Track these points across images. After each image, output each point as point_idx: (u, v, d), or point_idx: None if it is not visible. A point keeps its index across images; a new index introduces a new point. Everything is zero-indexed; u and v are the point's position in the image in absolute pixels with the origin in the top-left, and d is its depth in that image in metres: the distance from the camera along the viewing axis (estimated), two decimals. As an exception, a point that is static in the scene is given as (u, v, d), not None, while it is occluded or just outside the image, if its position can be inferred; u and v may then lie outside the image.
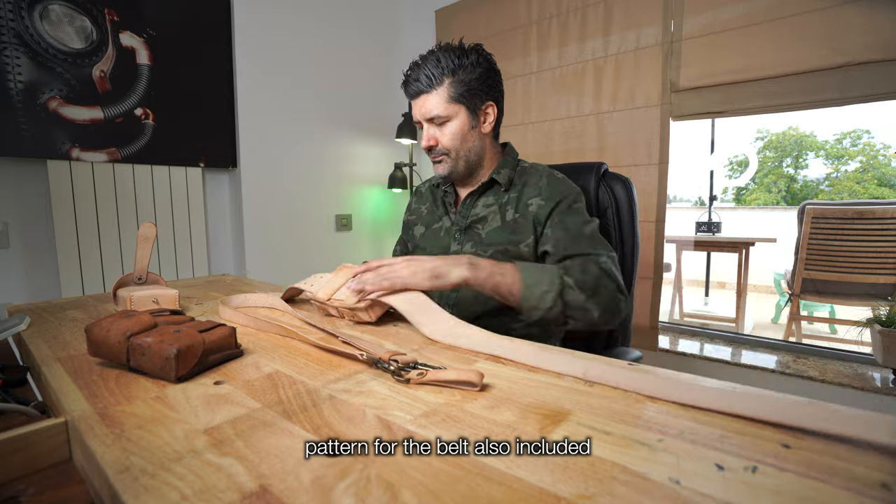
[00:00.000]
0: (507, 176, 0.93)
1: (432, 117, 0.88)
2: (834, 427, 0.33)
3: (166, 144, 1.86)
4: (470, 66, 0.86)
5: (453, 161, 0.91)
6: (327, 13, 2.33)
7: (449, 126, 0.88)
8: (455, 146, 0.90)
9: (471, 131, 0.90)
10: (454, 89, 0.86)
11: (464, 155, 0.91)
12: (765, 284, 4.40)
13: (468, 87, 0.86)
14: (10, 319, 0.63)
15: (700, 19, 1.76)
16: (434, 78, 0.86)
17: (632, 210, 1.08)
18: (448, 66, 0.85)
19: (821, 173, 7.24)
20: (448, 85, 0.86)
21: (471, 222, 0.94)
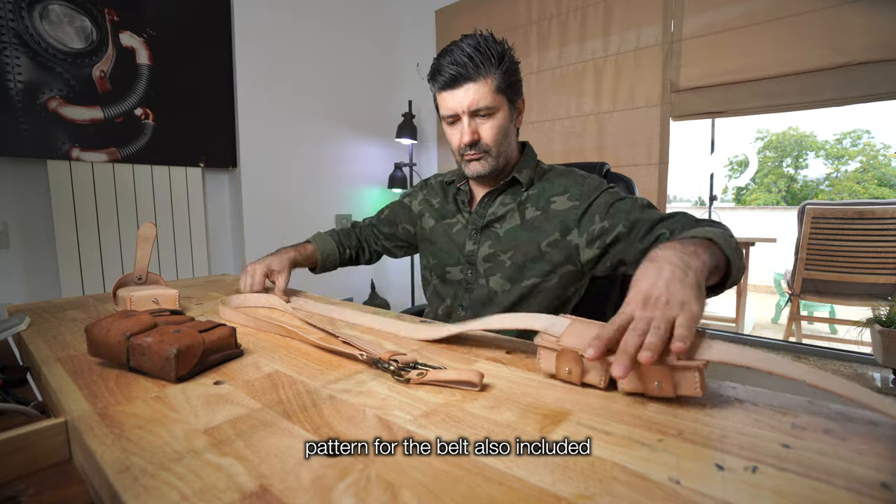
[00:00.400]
0: (528, 176, 0.89)
1: (478, 109, 0.80)
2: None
3: (166, 144, 1.86)
4: (509, 59, 0.81)
5: (494, 159, 0.84)
6: (327, 13, 2.33)
7: (493, 120, 0.82)
8: (498, 142, 0.83)
9: (511, 126, 0.85)
10: (500, 79, 0.80)
11: (504, 152, 0.85)
12: (765, 284, 4.40)
13: (510, 80, 0.81)
14: (10, 319, 0.63)
15: (700, 19, 1.76)
16: (481, 65, 0.78)
17: None
18: (494, 54, 0.79)
19: (821, 173, 7.24)
20: (495, 74, 0.79)
21: (488, 221, 0.90)
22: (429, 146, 2.70)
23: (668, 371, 0.39)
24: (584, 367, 0.44)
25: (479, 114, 0.81)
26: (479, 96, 0.79)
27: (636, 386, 0.41)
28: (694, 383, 0.39)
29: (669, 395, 0.40)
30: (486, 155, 0.84)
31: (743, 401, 0.40)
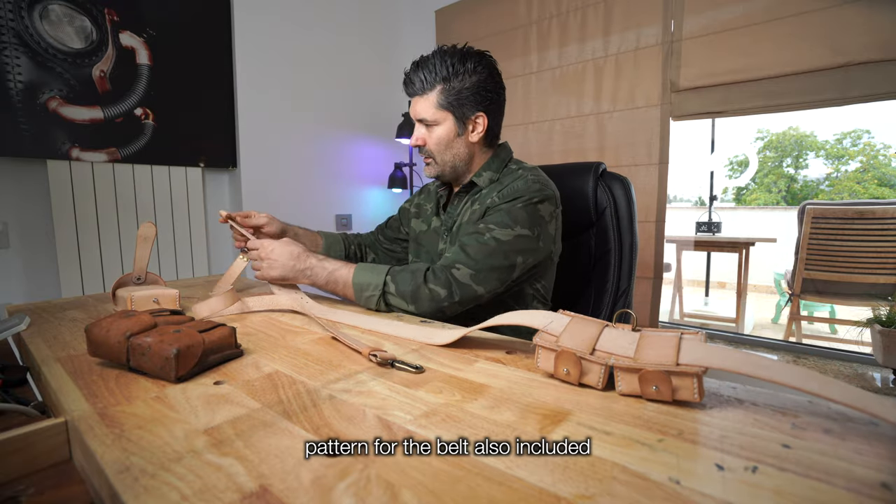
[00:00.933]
0: (489, 178, 0.94)
1: (420, 119, 0.91)
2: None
3: (166, 144, 1.86)
4: (465, 74, 0.86)
5: (439, 166, 0.94)
6: (327, 13, 2.33)
7: (435, 131, 0.90)
8: (439, 151, 0.92)
9: (456, 139, 0.91)
10: (443, 97, 0.87)
11: (449, 161, 0.93)
12: (765, 284, 4.40)
13: (458, 96, 0.87)
14: (10, 319, 0.63)
15: (700, 19, 1.76)
16: (426, 82, 0.88)
17: (630, 210, 1.08)
18: (441, 72, 0.86)
19: (821, 173, 7.24)
20: (438, 91, 0.87)
21: (454, 223, 0.97)
22: (429, 146, 2.70)
23: (667, 376, 0.39)
24: (583, 368, 0.44)
25: (423, 123, 0.91)
26: (421, 109, 0.90)
27: (634, 389, 0.41)
28: (692, 389, 0.39)
29: (667, 399, 0.40)
30: (432, 161, 0.94)
31: (743, 401, 0.40)
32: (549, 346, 0.46)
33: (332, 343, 0.61)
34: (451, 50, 0.88)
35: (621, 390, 0.42)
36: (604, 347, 0.44)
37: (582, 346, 0.44)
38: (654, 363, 0.40)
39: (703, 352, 0.40)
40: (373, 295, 0.79)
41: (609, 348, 0.44)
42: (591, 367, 0.43)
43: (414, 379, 0.48)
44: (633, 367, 0.41)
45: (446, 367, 0.51)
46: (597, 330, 0.46)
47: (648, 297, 1.91)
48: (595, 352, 0.44)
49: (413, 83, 0.89)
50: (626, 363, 0.42)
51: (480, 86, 0.88)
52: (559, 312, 0.51)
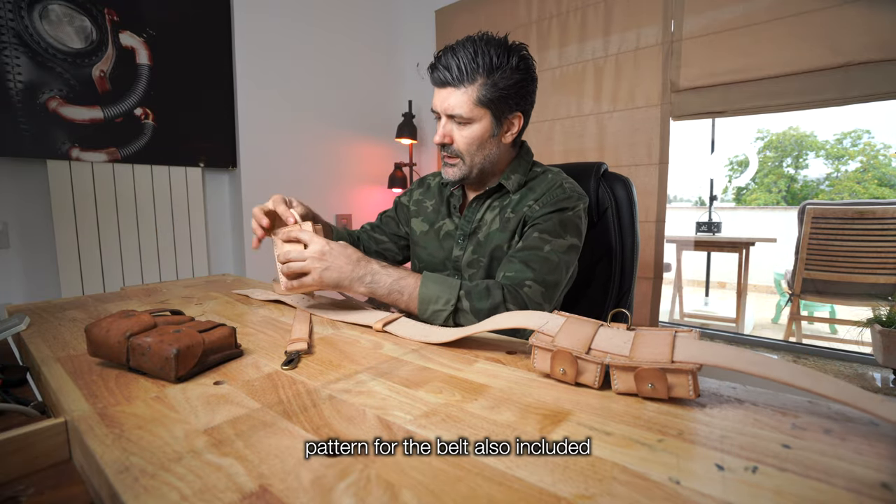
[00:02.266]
0: (517, 181, 0.88)
1: (453, 115, 0.80)
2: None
3: (166, 144, 1.86)
4: (509, 70, 0.78)
5: (467, 168, 0.85)
6: (327, 13, 2.33)
7: (469, 129, 0.81)
8: (471, 152, 0.83)
9: (491, 139, 0.83)
10: (484, 92, 0.78)
11: (479, 162, 0.85)
12: (765, 284, 4.39)
13: (500, 93, 0.79)
14: (10, 319, 0.63)
15: (700, 19, 1.76)
16: (466, 73, 0.77)
17: (632, 210, 1.08)
18: (485, 63, 0.77)
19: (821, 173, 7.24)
20: (479, 85, 0.78)
21: (475, 227, 0.90)
22: (429, 146, 2.70)
23: (662, 373, 0.39)
24: (579, 367, 0.44)
25: (454, 119, 0.81)
26: (456, 103, 0.79)
27: (630, 387, 0.42)
28: (687, 386, 0.39)
29: (663, 397, 0.40)
30: (459, 161, 0.85)
31: (743, 401, 0.40)
32: (545, 347, 0.46)
33: (332, 343, 0.61)
34: (493, 39, 0.78)
35: (617, 389, 0.42)
36: (599, 346, 0.44)
37: (578, 346, 0.44)
38: (650, 361, 0.40)
39: (698, 349, 0.40)
40: (442, 310, 0.72)
41: (605, 347, 0.44)
42: (588, 367, 0.44)
43: (414, 379, 0.48)
44: (629, 365, 0.41)
45: (446, 367, 0.51)
46: (592, 329, 0.46)
47: (648, 297, 1.91)
48: (591, 351, 0.44)
49: (449, 69, 0.77)
50: (621, 361, 0.42)
51: (521, 83, 0.80)
52: (554, 313, 0.51)
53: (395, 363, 0.53)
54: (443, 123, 0.83)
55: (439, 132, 0.83)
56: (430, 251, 0.97)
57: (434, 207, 0.99)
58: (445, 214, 0.97)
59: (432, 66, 0.81)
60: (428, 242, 0.98)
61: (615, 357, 0.43)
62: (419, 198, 1.03)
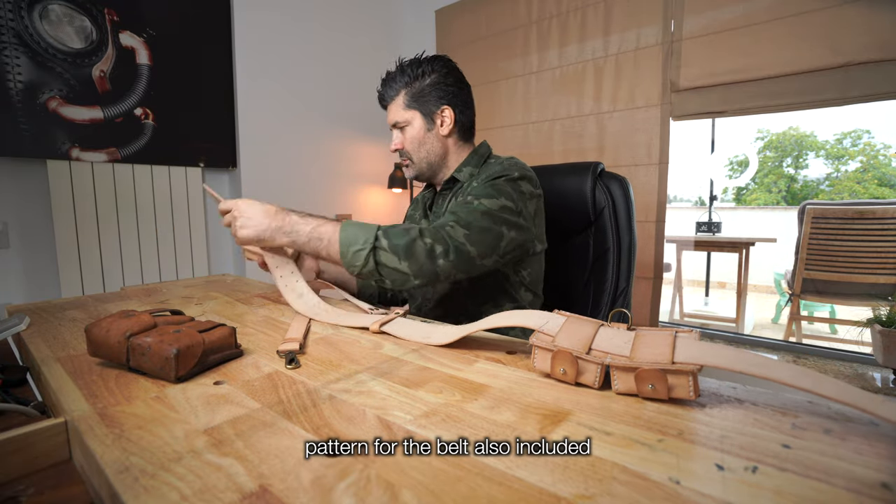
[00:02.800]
0: (469, 173, 0.98)
1: (394, 123, 0.97)
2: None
3: (166, 144, 1.86)
4: (424, 75, 0.94)
5: (416, 165, 0.99)
6: (327, 13, 2.33)
7: (407, 131, 0.97)
8: (414, 149, 0.97)
9: (427, 134, 0.97)
10: (408, 97, 0.95)
11: (424, 157, 0.98)
12: (765, 284, 4.40)
13: (420, 93, 0.95)
14: (10, 319, 0.63)
15: (700, 19, 1.76)
16: (392, 90, 0.96)
17: (629, 209, 1.08)
18: (403, 78, 0.95)
19: (821, 173, 7.24)
20: (404, 94, 0.95)
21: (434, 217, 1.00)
22: (429, 146, 2.71)
23: (662, 374, 0.39)
24: (579, 367, 0.44)
25: (397, 126, 0.97)
26: (392, 114, 0.97)
27: (630, 387, 0.41)
28: (687, 387, 0.39)
29: (663, 398, 0.40)
30: (410, 161, 0.99)
31: (743, 401, 0.40)
32: (545, 346, 0.46)
33: (332, 343, 0.61)
34: (409, 60, 0.96)
35: (617, 389, 0.42)
36: (600, 347, 0.44)
37: (578, 346, 0.44)
38: (650, 361, 0.40)
39: (698, 350, 0.40)
40: (361, 250, 0.73)
41: (605, 347, 0.44)
42: (588, 367, 0.43)
43: (414, 379, 0.48)
44: (630, 365, 0.41)
45: (446, 367, 0.51)
46: (592, 329, 0.46)
47: (648, 297, 1.91)
48: (591, 351, 0.44)
49: (383, 97, 0.98)
50: (622, 362, 0.42)
51: (440, 81, 0.95)
52: (555, 312, 0.51)
53: (395, 363, 0.53)
54: (394, 134, 0.99)
55: (393, 142, 1.00)
56: None
57: (420, 215, 1.11)
58: (422, 216, 1.08)
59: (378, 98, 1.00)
60: None
61: (616, 357, 0.42)
62: (411, 213, 1.15)
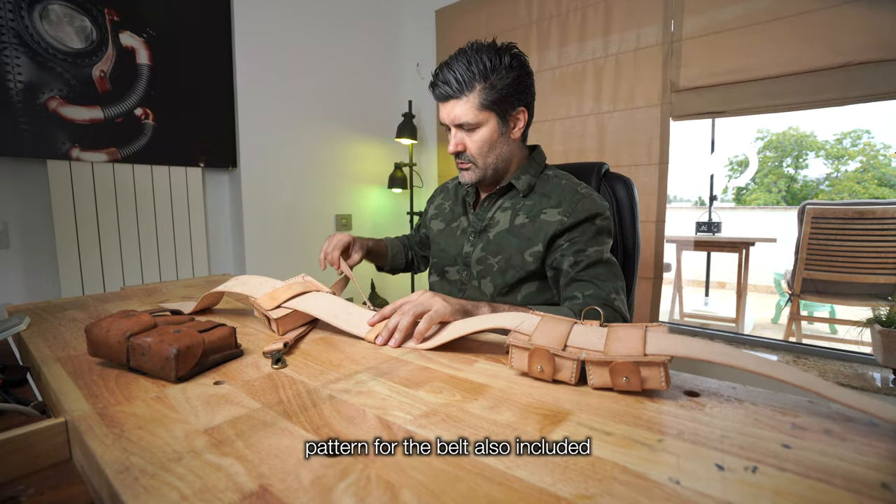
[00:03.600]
0: (527, 182, 0.90)
1: (461, 123, 0.84)
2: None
3: (166, 144, 1.86)
4: (504, 70, 0.81)
5: (481, 170, 0.88)
6: (327, 13, 2.33)
7: (478, 133, 0.85)
8: (483, 153, 0.86)
9: (500, 138, 0.86)
10: (485, 96, 0.81)
11: (492, 163, 0.88)
12: (765, 284, 4.39)
13: (500, 93, 0.82)
14: (10, 319, 0.63)
15: (700, 19, 1.76)
16: (464, 83, 0.81)
17: (633, 210, 1.08)
18: (480, 70, 0.80)
19: (821, 173, 7.24)
20: (479, 91, 0.81)
21: (486, 225, 0.92)
22: (429, 146, 2.70)
23: (635, 366, 0.41)
24: (556, 364, 0.45)
25: (463, 127, 0.85)
26: (462, 112, 0.83)
27: (605, 381, 0.43)
28: (659, 378, 0.41)
29: (637, 390, 0.41)
30: (472, 165, 0.88)
31: (743, 401, 0.40)
32: (522, 345, 0.47)
33: (332, 343, 0.61)
34: (483, 46, 0.82)
35: (593, 384, 0.44)
36: (575, 343, 0.45)
37: (554, 343, 0.45)
38: (623, 355, 0.42)
39: (668, 342, 0.42)
40: None
41: (580, 344, 0.45)
42: (564, 363, 0.45)
43: (414, 379, 0.48)
44: (604, 360, 0.42)
45: (446, 367, 0.51)
46: (567, 327, 0.47)
47: (648, 298, 1.91)
48: (567, 348, 0.45)
49: (448, 83, 0.82)
50: (596, 357, 0.43)
51: (518, 79, 0.83)
52: (530, 312, 0.52)
53: (395, 363, 0.53)
54: (453, 133, 0.87)
55: (452, 142, 0.87)
56: (442, 247, 1.01)
57: (450, 207, 1.04)
58: (461, 213, 1.00)
59: (432, 84, 0.86)
60: (442, 239, 1.02)
61: (590, 353, 0.44)
62: (441, 202, 1.09)
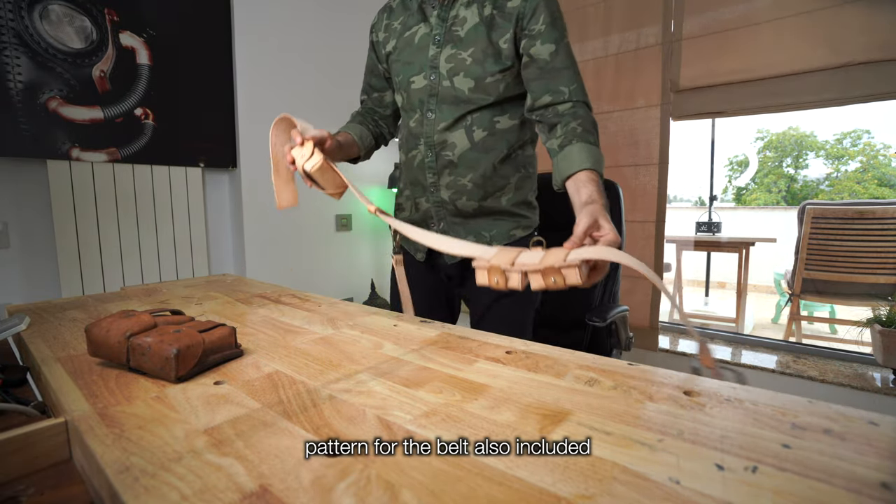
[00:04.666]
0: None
1: None
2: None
3: (166, 144, 1.86)
4: None
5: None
6: (327, 12, 2.33)
7: None
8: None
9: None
10: None
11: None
12: (765, 284, 4.40)
13: None
14: (10, 319, 0.63)
15: (700, 19, 1.76)
16: None
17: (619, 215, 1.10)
18: None
19: (821, 173, 7.25)
20: None
21: (451, 24, 0.91)
22: (429, 146, 2.70)
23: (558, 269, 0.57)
24: (508, 277, 0.61)
25: None
26: None
27: (540, 284, 0.59)
28: (576, 275, 0.57)
29: (562, 287, 0.58)
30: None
31: (743, 401, 0.40)
32: (482, 266, 0.63)
33: (332, 343, 0.61)
34: None
35: (534, 286, 0.60)
36: (521, 261, 0.60)
37: (505, 262, 0.61)
38: (550, 264, 0.58)
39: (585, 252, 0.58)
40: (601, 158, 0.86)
41: (524, 261, 0.60)
42: (512, 276, 0.61)
43: (414, 379, 0.48)
44: (538, 268, 0.58)
45: (446, 367, 0.51)
46: (516, 252, 0.62)
47: (648, 298, 1.91)
48: (515, 264, 0.60)
49: None
50: (534, 267, 0.59)
51: None
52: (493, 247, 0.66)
53: (395, 363, 0.53)
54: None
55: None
56: (405, 60, 0.96)
57: (402, 23, 0.98)
58: (419, 19, 0.96)
59: None
60: (401, 54, 0.97)
61: (530, 265, 0.59)
62: (388, 22, 1.02)
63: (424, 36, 0.94)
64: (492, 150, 0.91)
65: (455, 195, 0.93)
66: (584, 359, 0.53)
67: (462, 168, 0.92)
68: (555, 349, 0.57)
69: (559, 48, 0.86)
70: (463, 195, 0.93)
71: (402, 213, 1.06)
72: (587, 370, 0.49)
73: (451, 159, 0.92)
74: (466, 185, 0.92)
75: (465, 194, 0.93)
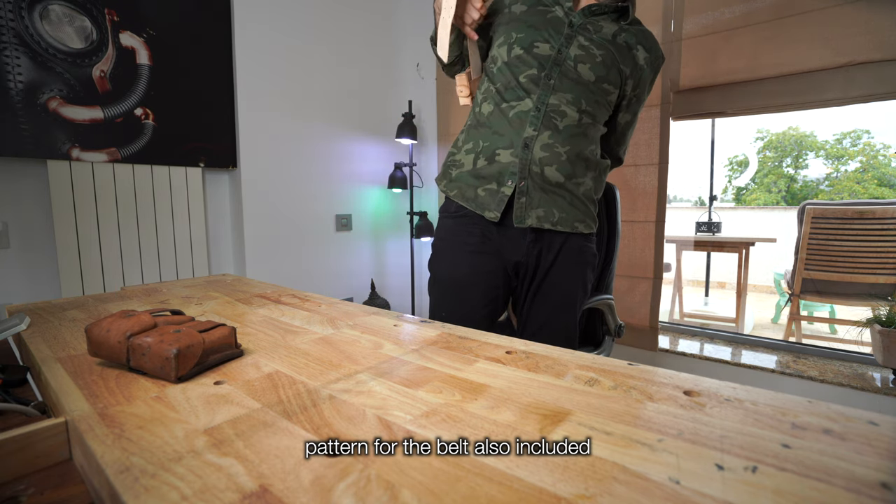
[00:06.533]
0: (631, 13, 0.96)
1: None
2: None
3: (166, 144, 1.86)
4: None
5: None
6: (327, 12, 2.33)
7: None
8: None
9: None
10: None
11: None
12: (765, 284, 4.40)
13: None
14: (10, 319, 0.63)
15: (700, 19, 1.76)
16: None
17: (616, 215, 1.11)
18: None
19: (821, 173, 7.25)
20: None
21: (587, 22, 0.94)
22: (429, 146, 2.70)
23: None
24: None
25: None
26: None
27: None
28: None
29: None
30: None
31: (743, 401, 0.40)
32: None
33: (332, 343, 0.61)
34: None
35: None
36: None
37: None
38: None
39: None
40: None
41: None
42: None
43: (414, 379, 0.48)
44: None
45: (446, 367, 0.51)
46: None
47: (648, 298, 1.91)
48: None
49: None
50: None
51: None
52: None
53: (395, 363, 0.53)
54: None
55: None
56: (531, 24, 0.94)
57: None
58: (554, 2, 0.96)
59: None
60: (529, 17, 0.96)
61: None
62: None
63: (558, 18, 0.95)
64: (586, 139, 0.95)
65: (548, 159, 0.92)
66: (583, 359, 0.53)
67: (563, 137, 0.92)
68: (555, 349, 0.57)
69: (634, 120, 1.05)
70: (554, 163, 0.92)
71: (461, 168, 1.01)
72: (587, 370, 0.49)
73: (557, 124, 0.92)
74: (561, 155, 0.92)
75: (556, 163, 0.92)
